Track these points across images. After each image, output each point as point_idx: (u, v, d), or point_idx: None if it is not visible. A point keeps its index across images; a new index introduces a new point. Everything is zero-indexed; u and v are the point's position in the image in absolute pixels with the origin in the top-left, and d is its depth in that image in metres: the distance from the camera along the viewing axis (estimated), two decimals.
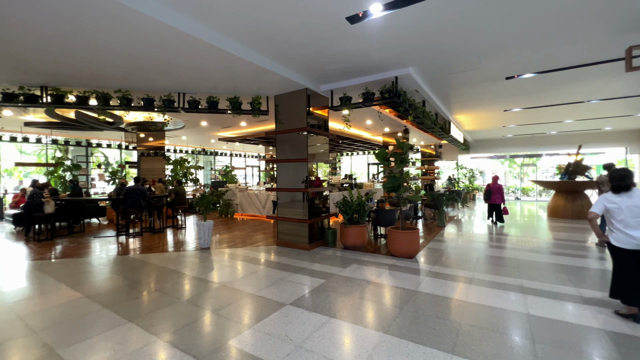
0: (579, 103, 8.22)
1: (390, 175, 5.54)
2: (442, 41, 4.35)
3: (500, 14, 3.63)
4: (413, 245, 5.19)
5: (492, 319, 3.05)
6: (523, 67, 5.48)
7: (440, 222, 8.52)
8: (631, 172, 3.11)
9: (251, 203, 10.73)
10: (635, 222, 2.95)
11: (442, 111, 8.84)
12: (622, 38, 4.23)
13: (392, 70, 5.45)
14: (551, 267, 4.69)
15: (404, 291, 3.79)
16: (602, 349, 2.51)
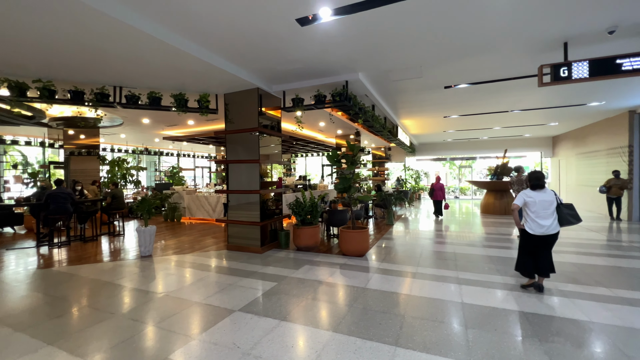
0: (504, 112, 9.31)
1: (341, 177, 5.68)
2: (388, 50, 4.59)
3: (437, 30, 3.94)
4: (363, 243, 5.39)
5: (432, 309, 3.29)
6: (459, 78, 6.03)
7: (389, 220, 8.97)
8: (544, 174, 3.80)
9: (200, 206, 10.17)
10: (544, 213, 3.63)
11: (390, 116, 9.33)
12: (536, 57, 4.88)
13: (343, 74, 5.60)
14: (482, 258, 5.22)
15: (353, 289, 3.91)
16: (520, 329, 2.85)
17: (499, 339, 2.68)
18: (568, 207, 3.73)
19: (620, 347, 2.54)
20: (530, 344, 2.59)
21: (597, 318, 3.05)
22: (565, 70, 4.24)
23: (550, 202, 3.64)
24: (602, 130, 10.67)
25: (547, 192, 3.69)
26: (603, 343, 2.63)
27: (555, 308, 3.29)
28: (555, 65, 4.29)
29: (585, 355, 2.44)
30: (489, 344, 2.61)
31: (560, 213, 3.68)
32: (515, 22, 3.82)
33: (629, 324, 2.92)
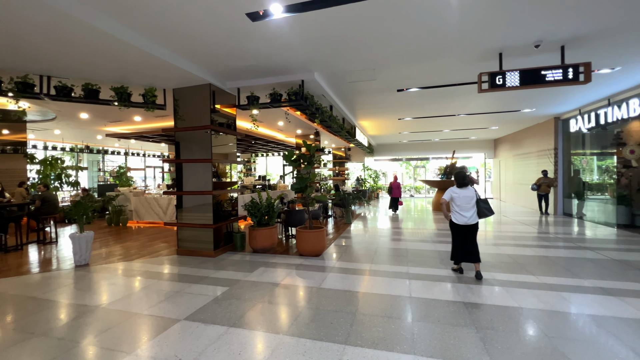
0: (452, 116, 9.99)
1: (298, 177, 5.64)
2: (342, 51, 4.65)
3: (388, 35, 4.08)
4: (320, 243, 5.41)
5: (382, 305, 3.39)
6: (410, 82, 6.32)
7: (347, 219, 9.14)
8: (466, 175, 4.38)
9: (149, 208, 9.47)
10: (467, 207, 4.28)
11: (348, 116, 9.50)
12: (477, 65, 5.28)
13: (299, 74, 5.57)
14: (431, 253, 5.53)
15: (308, 289, 3.89)
16: (460, 318, 3.05)
17: (441, 329, 2.83)
18: (484, 202, 4.42)
19: (542, 329, 2.83)
20: (467, 332, 2.77)
21: (525, 304, 3.37)
22: (500, 78, 4.64)
23: (471, 198, 4.30)
24: (534, 134, 11.94)
25: (469, 189, 4.33)
26: (529, 326, 2.90)
27: (491, 297, 3.57)
28: (492, 73, 4.68)
29: (513, 338, 2.68)
30: (432, 335, 2.74)
31: (479, 207, 4.36)
32: (460, 31, 4.08)
33: (550, 307, 3.27)
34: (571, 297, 3.55)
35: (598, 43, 4.49)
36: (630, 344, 2.57)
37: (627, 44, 4.59)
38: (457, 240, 4.43)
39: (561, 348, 2.51)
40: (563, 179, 10.35)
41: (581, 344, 2.58)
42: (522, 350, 2.49)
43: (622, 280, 4.03)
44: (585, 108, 8.90)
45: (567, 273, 4.36)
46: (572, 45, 4.52)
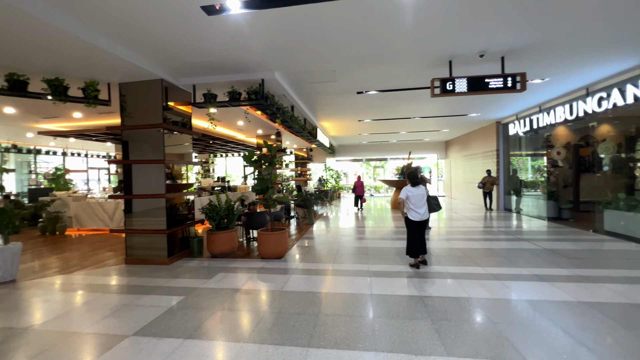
0: (408, 119, 10.50)
1: (259, 178, 5.50)
2: (303, 52, 4.63)
3: (348, 38, 4.15)
4: (282, 245, 5.33)
5: (344, 304, 3.43)
6: (369, 85, 6.51)
7: (309, 220, 9.15)
8: (417, 175, 4.76)
9: (93, 214, 8.60)
10: (420, 204, 4.64)
11: (309, 117, 9.52)
12: (430, 71, 5.60)
13: (259, 72, 5.44)
14: (390, 250, 5.74)
15: (270, 293, 3.81)
16: (417, 312, 3.19)
17: (400, 324, 2.94)
18: (433, 198, 5.05)
19: (489, 316, 3.08)
20: (424, 325, 2.91)
21: (474, 294, 3.64)
22: (450, 84, 4.97)
23: (423, 195, 4.70)
24: (479, 136, 13.02)
25: (421, 188, 4.71)
26: (478, 315, 3.14)
27: (444, 289, 3.80)
28: (443, 79, 5.00)
29: (465, 327, 2.87)
30: (392, 330, 2.84)
31: (429, 203, 4.86)
32: (415, 38, 4.29)
33: (495, 296, 3.57)
34: (512, 285, 3.91)
35: (531, 56, 5.02)
36: (560, 324, 2.89)
37: (553, 58, 5.19)
38: (413, 236, 4.71)
39: (505, 333, 2.75)
40: (504, 177, 11.43)
41: (521, 327, 2.85)
42: (472, 338, 2.68)
43: (553, 267, 4.54)
44: (522, 114, 9.91)
45: (508, 263, 4.80)
46: (511, 57, 5.00)
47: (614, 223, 6.65)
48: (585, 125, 9.50)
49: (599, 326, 2.83)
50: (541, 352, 2.45)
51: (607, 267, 4.52)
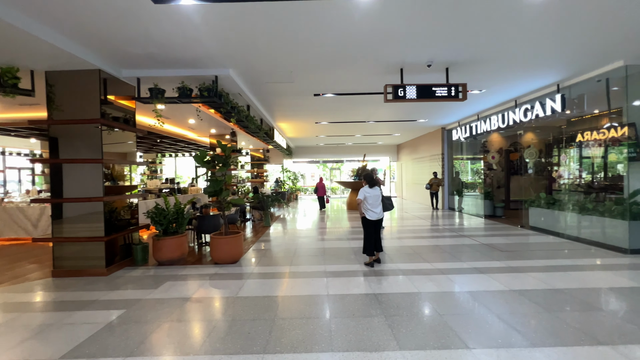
0: (362, 122, 10.87)
1: (211, 179, 5.24)
2: (259, 50, 4.53)
3: (305, 40, 4.16)
4: (236, 249, 5.13)
5: (301, 307, 3.41)
6: (326, 88, 6.60)
7: (266, 222, 8.97)
8: (373, 176, 5.04)
9: (10, 221, 7.42)
10: (376, 204, 4.87)
11: (266, 118, 9.36)
12: (383, 78, 5.86)
13: (212, 68, 5.20)
14: (346, 250, 5.87)
15: (223, 300, 3.64)
16: (372, 309, 3.30)
17: (356, 323, 3.01)
18: (387, 198, 5.26)
19: (436, 309, 3.29)
20: (378, 322, 3.01)
21: (423, 288, 3.87)
22: (401, 90, 5.25)
23: (378, 196, 4.93)
24: (427, 141, 13.98)
25: (376, 189, 4.94)
26: (426, 308, 3.34)
27: (396, 285, 3.99)
28: (395, 86, 5.26)
29: (415, 321, 3.03)
30: (348, 329, 2.89)
31: (383, 202, 5.10)
32: (369, 45, 4.45)
33: (441, 289, 3.84)
34: (455, 278, 4.24)
35: (471, 69, 5.52)
36: (496, 311, 3.21)
37: (489, 72, 5.78)
38: (369, 235, 4.88)
39: (450, 323, 2.96)
40: (448, 179, 12.41)
41: (463, 317, 3.10)
42: (421, 331, 2.84)
43: (489, 260, 5.03)
44: (463, 121, 10.86)
45: (452, 258, 5.20)
46: (454, 69, 5.45)
47: (536, 219, 7.60)
48: (514, 132, 10.73)
49: (527, 311, 3.20)
50: (480, 338, 2.68)
51: (531, 258, 5.14)
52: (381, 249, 5.03)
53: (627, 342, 2.59)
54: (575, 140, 7.20)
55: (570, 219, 6.62)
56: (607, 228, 5.72)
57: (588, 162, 8.87)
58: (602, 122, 6.80)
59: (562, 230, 6.78)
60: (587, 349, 2.50)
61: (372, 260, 4.89)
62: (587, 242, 6.04)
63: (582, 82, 6.06)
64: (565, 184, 9.11)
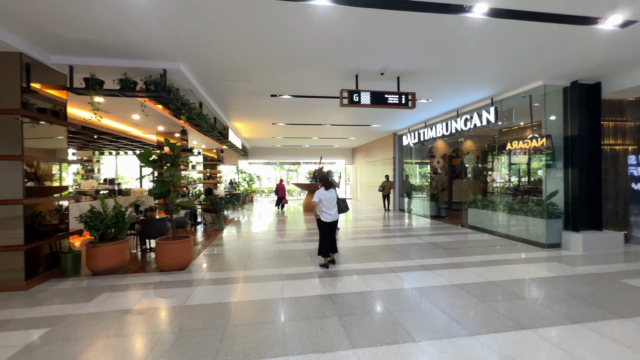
0: (319, 125, 11.01)
1: (158, 180, 4.87)
2: (212, 46, 4.34)
3: (260, 40, 4.09)
4: (185, 254, 4.82)
5: (254, 312, 3.32)
6: (283, 89, 6.55)
7: (219, 225, 8.60)
8: (329, 179, 5.08)
9: None
10: (331, 206, 4.95)
11: (220, 116, 8.99)
12: (340, 82, 6.00)
13: (160, 61, 4.85)
14: (302, 252, 5.87)
15: (170, 310, 3.39)
16: (326, 310, 3.34)
17: (310, 325, 3.02)
18: (342, 200, 5.26)
19: (387, 306, 3.45)
20: (332, 322, 3.06)
21: (375, 287, 4.03)
22: (356, 96, 5.44)
23: (334, 198, 5.02)
24: (380, 145, 14.64)
25: (331, 191, 5.02)
26: (378, 306, 3.48)
27: (350, 285, 4.09)
28: (350, 91, 5.43)
29: (367, 319, 3.14)
30: (302, 332, 2.88)
31: (338, 204, 5.13)
32: (325, 51, 4.52)
33: (391, 287, 4.03)
34: (404, 275, 4.49)
35: (420, 79, 5.92)
36: (439, 305, 3.46)
37: (435, 84, 6.26)
38: (325, 236, 4.93)
39: (399, 319, 3.13)
40: (399, 182, 13.13)
41: (411, 312, 3.29)
42: (373, 328, 2.95)
43: (434, 257, 5.42)
44: (412, 128, 11.59)
45: (402, 256, 5.51)
46: (405, 78, 5.79)
47: (474, 219, 8.39)
48: (456, 140, 11.74)
49: (465, 303, 3.51)
50: (425, 331, 2.87)
51: (470, 254, 5.66)
52: (336, 250, 5.13)
53: (545, 325, 2.98)
54: (506, 149, 8.11)
55: (501, 218, 7.43)
56: (530, 226, 6.53)
57: (516, 167, 10.06)
58: (526, 133, 7.77)
59: (495, 229, 7.57)
60: (514, 333, 2.82)
61: (327, 261, 4.95)
62: (515, 238, 6.83)
63: (511, 97, 6.86)
64: (497, 187, 10.19)
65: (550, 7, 3.39)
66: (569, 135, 6.08)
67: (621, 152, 6.61)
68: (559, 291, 3.85)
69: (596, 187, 6.07)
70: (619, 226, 6.50)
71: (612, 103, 6.47)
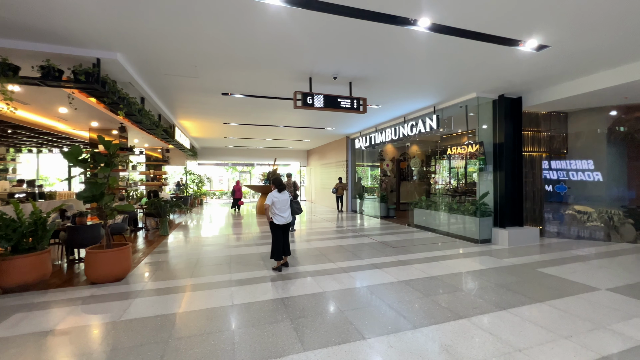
0: (274, 126, 10.87)
1: (89, 182, 4.35)
2: (155, 37, 4.02)
3: (210, 35, 3.90)
4: (121, 264, 4.37)
5: (201, 322, 3.13)
6: (235, 88, 6.33)
7: (163, 231, 7.98)
8: (282, 181, 5.13)
9: None
10: (284, 208, 4.90)
11: (166, 114, 8.38)
12: (294, 84, 5.99)
13: (93, 49, 4.35)
14: (254, 256, 5.71)
15: (102, 327, 3.03)
16: (278, 314, 3.28)
17: (261, 331, 2.94)
18: (296, 202, 5.26)
19: (338, 306, 3.51)
20: (284, 326, 3.02)
21: (328, 288, 4.07)
22: (310, 98, 5.47)
23: (287, 200, 4.96)
24: (334, 148, 14.95)
25: (285, 193, 4.98)
26: (330, 306, 3.52)
27: (303, 288, 4.09)
28: (304, 93, 5.45)
29: (319, 320, 3.16)
30: (252, 339, 2.79)
31: (292, 207, 5.12)
32: (279, 51, 4.47)
33: (343, 287, 4.12)
34: (356, 275, 4.62)
35: (370, 86, 6.18)
36: (387, 301, 3.62)
37: (384, 91, 6.58)
38: (277, 239, 4.86)
39: (350, 318, 3.20)
40: (351, 184, 13.53)
41: (361, 310, 3.39)
42: (325, 329, 2.97)
43: (383, 256, 5.67)
44: (364, 132, 12.04)
45: (353, 256, 5.67)
46: (356, 84, 5.99)
47: (419, 218, 8.99)
48: (404, 144, 12.49)
49: (410, 298, 3.73)
50: (375, 328, 2.98)
51: (415, 251, 6.04)
52: (289, 252, 5.08)
53: (478, 313, 3.29)
54: (447, 153, 8.86)
55: (443, 217, 8.07)
56: (466, 224, 7.20)
57: (455, 171, 11.03)
58: (463, 140, 8.57)
59: (437, 227, 8.20)
60: (452, 323, 3.07)
61: (280, 264, 4.89)
62: (454, 236, 7.47)
63: (451, 107, 7.52)
64: (439, 189, 11.06)
65: (482, 28, 3.79)
66: (497, 143, 6.84)
67: (537, 158, 7.65)
68: (490, 282, 4.29)
69: (519, 188, 6.92)
70: (536, 222, 7.50)
71: (531, 115, 7.47)
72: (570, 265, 5.03)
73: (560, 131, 7.75)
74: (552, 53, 4.51)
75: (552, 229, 7.44)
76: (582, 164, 7.38)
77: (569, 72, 5.36)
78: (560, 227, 7.39)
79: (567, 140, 7.73)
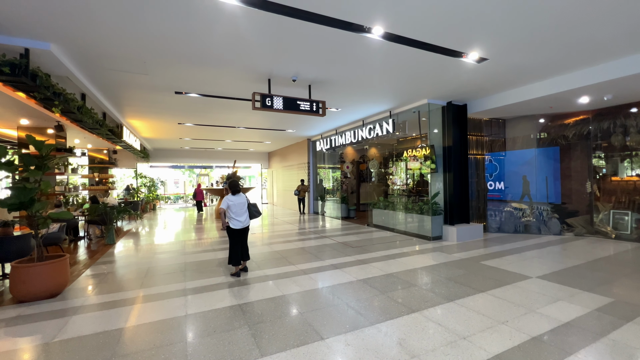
0: (233, 127, 10.57)
1: (16, 187, 3.85)
2: (98, 29, 3.70)
3: (156, 30, 3.69)
4: (56, 278, 3.92)
5: (151, 336, 2.93)
6: (190, 87, 6.04)
7: (109, 239, 7.32)
8: (238, 183, 4.94)
9: None
10: (240, 212, 4.75)
11: (112, 112, 7.73)
12: (252, 85, 5.88)
13: (20, 37, 3.88)
14: (211, 262, 5.48)
15: (30, 351, 2.69)
16: (235, 321, 3.19)
17: (217, 340, 2.83)
18: (254, 205, 5.05)
19: (297, 308, 3.50)
20: (241, 333, 2.94)
21: (287, 291, 4.05)
22: (269, 100, 5.42)
23: (244, 204, 4.82)
24: (295, 150, 14.94)
25: (241, 196, 4.82)
26: (289, 309, 3.50)
27: (262, 292, 4.01)
28: (263, 94, 5.38)
29: (278, 324, 3.12)
30: (207, 349, 2.68)
31: (250, 210, 4.93)
32: (236, 51, 4.36)
33: (303, 289, 4.12)
34: (317, 276, 4.65)
35: (329, 89, 6.29)
36: (346, 301, 3.70)
37: (342, 94, 6.74)
38: (235, 244, 4.72)
39: (308, 320, 3.21)
40: (313, 185, 13.62)
41: (320, 311, 3.42)
42: (283, 333, 2.95)
43: (343, 256, 5.79)
44: (325, 134, 12.21)
45: (314, 258, 5.70)
46: (316, 87, 6.06)
47: (378, 218, 9.33)
48: (363, 147, 12.87)
49: (368, 296, 3.85)
50: (333, 327, 3.02)
51: (374, 250, 6.25)
52: (248, 257, 4.96)
53: (429, 306, 3.50)
54: (402, 156, 9.31)
55: (399, 217, 8.47)
56: (420, 222, 7.63)
57: (410, 172, 11.62)
58: (417, 143, 9.09)
59: (394, 226, 8.57)
60: (406, 317, 3.23)
61: (239, 269, 4.75)
62: (410, 234, 7.87)
63: (405, 112, 7.93)
64: (396, 190, 11.57)
65: (428, 38, 4.06)
66: (446, 146, 7.36)
67: (481, 160, 8.37)
68: (440, 276, 4.59)
69: (465, 188, 7.51)
70: (480, 219, 8.19)
71: (475, 121, 8.16)
72: (507, 257, 5.57)
73: (499, 136, 8.57)
74: (491, 65, 4.98)
75: (494, 225, 8.18)
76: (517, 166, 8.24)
77: (506, 82, 5.97)
78: (500, 223, 8.16)
79: (506, 145, 8.58)
